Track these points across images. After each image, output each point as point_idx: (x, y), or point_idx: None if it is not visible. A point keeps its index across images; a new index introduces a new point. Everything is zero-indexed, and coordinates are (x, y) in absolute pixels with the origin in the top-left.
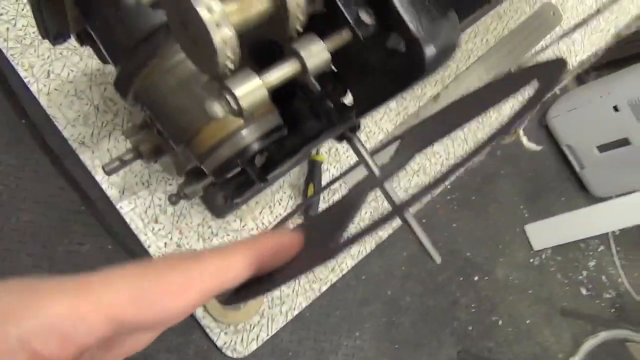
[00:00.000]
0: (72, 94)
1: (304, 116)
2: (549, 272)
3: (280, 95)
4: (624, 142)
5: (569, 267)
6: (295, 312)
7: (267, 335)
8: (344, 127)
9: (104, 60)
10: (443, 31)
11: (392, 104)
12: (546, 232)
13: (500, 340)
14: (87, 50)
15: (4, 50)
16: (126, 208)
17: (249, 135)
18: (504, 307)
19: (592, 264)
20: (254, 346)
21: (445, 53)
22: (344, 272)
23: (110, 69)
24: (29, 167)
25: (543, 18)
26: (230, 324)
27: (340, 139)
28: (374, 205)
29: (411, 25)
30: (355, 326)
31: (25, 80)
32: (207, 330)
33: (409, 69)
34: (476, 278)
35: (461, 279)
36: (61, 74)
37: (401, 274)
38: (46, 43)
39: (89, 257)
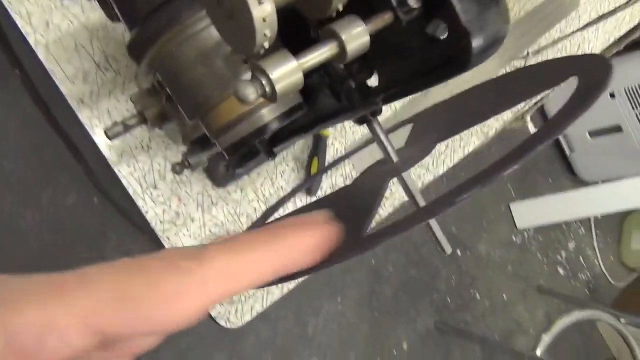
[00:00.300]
0: (72, 47)
1: (322, 92)
2: (529, 250)
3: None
4: (616, 129)
5: (549, 247)
6: (291, 286)
7: (262, 307)
8: (367, 110)
9: (111, 17)
10: (492, 19)
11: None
12: (531, 212)
13: (477, 314)
14: (90, 2)
15: None
16: (124, 171)
17: (268, 113)
18: (483, 282)
19: (571, 245)
20: (247, 317)
21: (493, 45)
22: None
23: (115, 25)
24: (15, 115)
25: (560, 2)
26: None
27: (360, 121)
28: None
29: (460, 13)
30: (337, 292)
31: (22, 30)
32: None
33: (450, 60)
34: (459, 252)
35: (442, 252)
36: (61, 26)
37: (385, 245)
38: None
39: (74, 210)
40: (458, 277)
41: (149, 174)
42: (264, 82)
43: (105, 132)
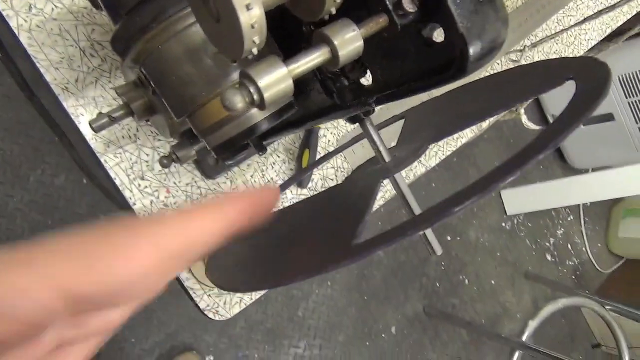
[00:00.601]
0: (56, 32)
1: (313, 88)
2: (518, 236)
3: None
4: (609, 117)
5: (538, 233)
6: None
7: (251, 299)
8: (359, 110)
9: (96, 6)
10: (490, 25)
11: None
12: (521, 199)
13: (465, 298)
14: None
15: None
16: (111, 162)
17: (258, 113)
18: (472, 267)
19: (560, 232)
20: (236, 309)
21: (490, 52)
22: None
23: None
24: (1, 93)
25: None
26: (214, 287)
27: (352, 120)
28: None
29: (457, 18)
30: (327, 276)
31: (3, 13)
32: (191, 292)
33: (446, 65)
34: (449, 237)
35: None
36: (44, 9)
37: (377, 229)
38: None
39: (62, 190)
40: (447, 263)
41: (136, 165)
42: (252, 89)
43: (90, 124)
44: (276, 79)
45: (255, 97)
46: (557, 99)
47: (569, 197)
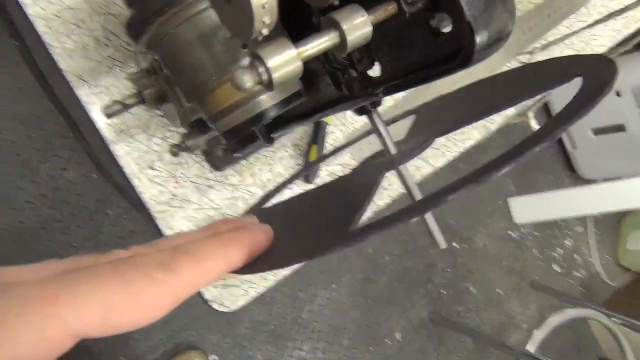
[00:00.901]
0: (72, 22)
1: (322, 80)
2: (525, 245)
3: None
4: (620, 128)
5: (546, 243)
6: (286, 273)
7: (256, 292)
8: (367, 101)
9: None
10: (497, 15)
11: None
12: (529, 207)
13: (470, 306)
14: None
15: None
16: (121, 151)
17: (267, 100)
18: (478, 275)
19: (568, 243)
20: (241, 302)
21: (497, 42)
22: None
23: (117, 1)
24: (16, 85)
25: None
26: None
27: (359, 112)
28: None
29: (465, 7)
30: (333, 279)
31: (21, 1)
32: None
33: (453, 54)
34: (455, 244)
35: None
36: None
37: (383, 234)
38: None
39: (72, 184)
40: (453, 270)
41: (146, 155)
42: (261, 70)
43: (103, 110)
44: (285, 60)
45: (264, 77)
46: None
47: (577, 208)
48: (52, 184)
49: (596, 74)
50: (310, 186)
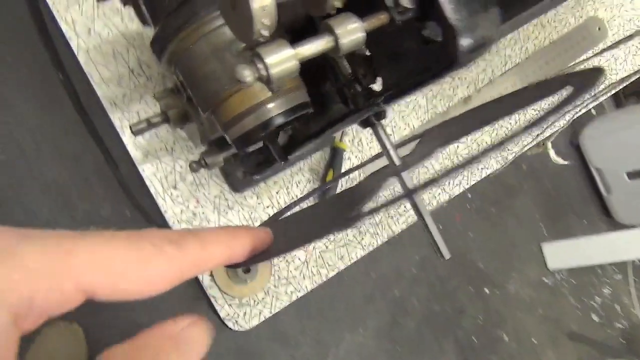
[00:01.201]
0: (110, 53)
1: (332, 100)
2: (561, 293)
3: (312, 77)
4: None
5: (583, 291)
6: (300, 294)
7: (270, 312)
8: (370, 112)
9: (144, 22)
10: (481, 24)
11: (422, 100)
12: (563, 253)
13: (504, 356)
14: (129, 12)
15: (50, 4)
16: (148, 171)
17: (274, 108)
18: (511, 323)
19: (606, 291)
20: (255, 322)
21: (481, 46)
22: (352, 261)
23: (149, 33)
24: (59, 123)
25: (587, 32)
26: (235, 297)
27: (364, 124)
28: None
29: (449, 13)
30: (359, 322)
31: (66, 35)
32: (212, 301)
33: (442, 58)
34: (486, 290)
35: (471, 288)
36: (102, 33)
37: (411, 276)
38: (90, 1)
39: (107, 221)
40: (485, 316)
41: (170, 175)
42: (259, 66)
43: (130, 128)
44: (282, 59)
45: (263, 72)
46: (604, 151)
47: (615, 254)
48: (88, 220)
49: (584, 80)
50: None
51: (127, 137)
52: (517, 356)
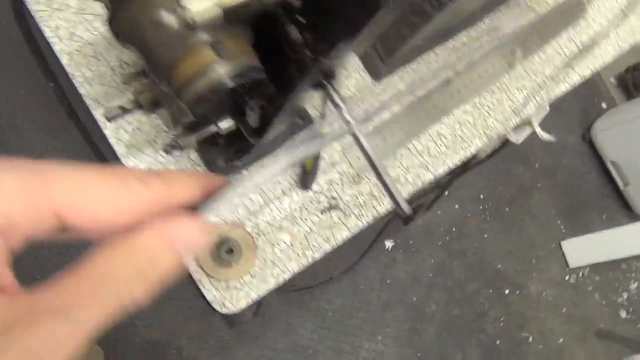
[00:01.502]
0: (91, 55)
1: (294, 77)
2: (585, 291)
3: (278, 60)
4: None
5: (608, 287)
6: (286, 276)
7: (257, 295)
8: (317, 71)
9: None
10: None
11: (401, 85)
12: (584, 250)
13: (531, 358)
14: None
15: (34, 14)
16: (130, 163)
17: (221, 69)
18: (535, 324)
19: (633, 286)
20: (243, 304)
21: None
22: (338, 243)
23: None
24: (58, 139)
25: (567, 11)
26: (221, 280)
27: (316, 87)
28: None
29: None
30: (377, 330)
31: (51, 41)
32: (199, 285)
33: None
34: (507, 291)
35: (490, 291)
36: (83, 37)
37: (427, 281)
38: (72, 8)
39: None
40: (507, 318)
41: (152, 166)
42: (179, 9)
43: (105, 115)
44: (205, 8)
45: (183, 15)
46: (618, 143)
47: (638, 246)
48: None
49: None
50: (308, 193)
51: (109, 132)
52: (544, 358)
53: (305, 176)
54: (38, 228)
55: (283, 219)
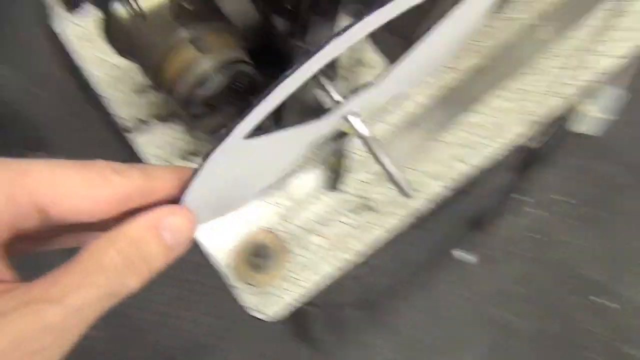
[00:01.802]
0: (120, 77)
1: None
2: None
3: (270, 56)
4: None
5: None
6: (319, 279)
7: (293, 300)
8: (297, 49)
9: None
10: None
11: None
12: None
13: None
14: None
15: (71, 48)
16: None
17: (207, 63)
18: None
19: None
20: (276, 308)
21: None
22: (373, 244)
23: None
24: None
25: None
26: (255, 286)
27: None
28: None
29: None
30: (457, 348)
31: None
32: (234, 291)
33: None
34: (604, 302)
35: (584, 302)
36: (110, 60)
37: (510, 293)
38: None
39: None
40: (606, 332)
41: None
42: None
43: (125, 127)
44: None
45: (134, 5)
46: None
47: None
48: None
49: None
50: (338, 194)
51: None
52: None
53: (334, 177)
54: (22, 222)
55: (315, 222)
